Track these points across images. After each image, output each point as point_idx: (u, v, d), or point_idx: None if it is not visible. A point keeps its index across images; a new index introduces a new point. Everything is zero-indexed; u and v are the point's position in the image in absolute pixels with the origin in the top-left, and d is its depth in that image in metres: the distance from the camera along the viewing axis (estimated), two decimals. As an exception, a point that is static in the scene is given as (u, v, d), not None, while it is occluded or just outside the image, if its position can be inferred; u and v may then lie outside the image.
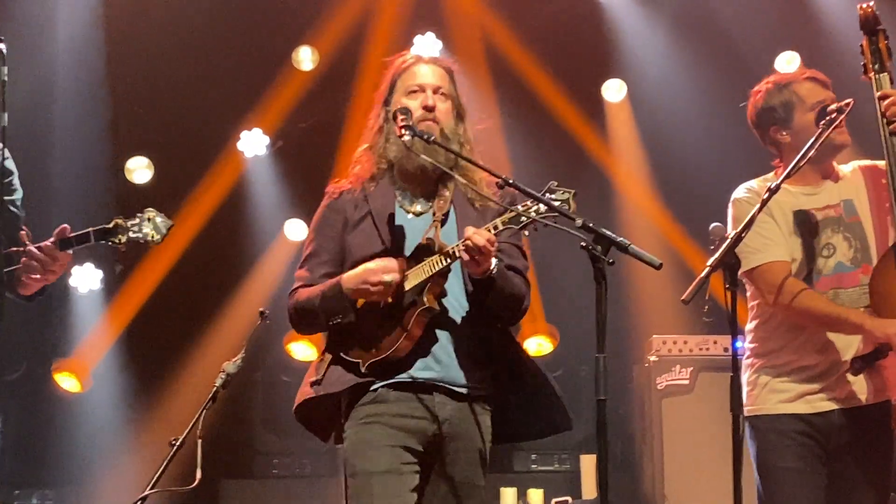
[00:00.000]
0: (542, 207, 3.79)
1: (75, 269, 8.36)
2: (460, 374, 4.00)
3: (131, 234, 3.72)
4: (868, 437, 4.27)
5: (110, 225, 3.72)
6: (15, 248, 3.75)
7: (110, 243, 3.69)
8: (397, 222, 4.10)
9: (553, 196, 3.80)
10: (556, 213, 3.75)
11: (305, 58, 8.26)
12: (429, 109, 4.10)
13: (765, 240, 4.31)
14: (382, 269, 3.93)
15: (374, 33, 8.09)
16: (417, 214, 4.13)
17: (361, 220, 4.12)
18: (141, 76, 8.10)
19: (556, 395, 4.11)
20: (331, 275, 4.11)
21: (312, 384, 4.07)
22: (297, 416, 4.15)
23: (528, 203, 3.84)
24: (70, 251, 3.74)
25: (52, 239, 3.76)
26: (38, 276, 3.74)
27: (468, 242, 3.81)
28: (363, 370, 3.98)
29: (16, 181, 4.00)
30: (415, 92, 4.15)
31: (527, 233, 3.91)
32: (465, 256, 3.84)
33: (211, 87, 8.19)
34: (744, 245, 3.98)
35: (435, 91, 4.15)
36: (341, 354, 4.05)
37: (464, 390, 4.01)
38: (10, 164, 3.94)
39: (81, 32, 7.82)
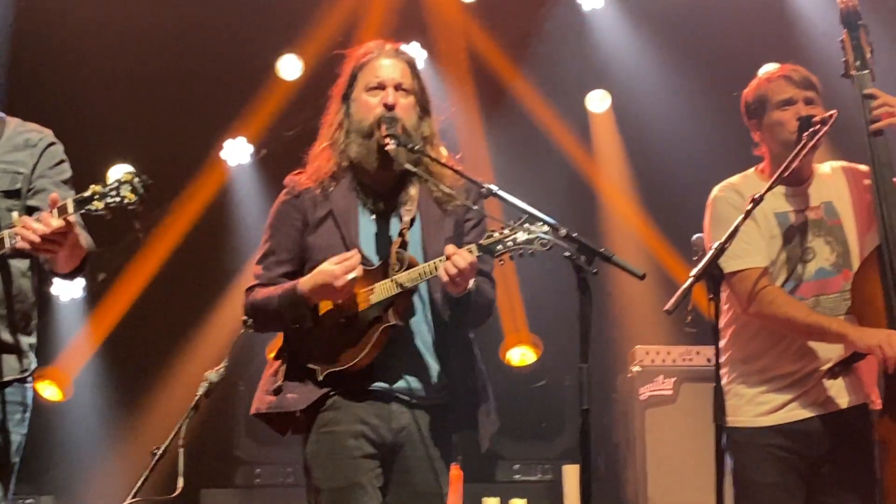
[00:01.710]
0: (521, 235, 3.76)
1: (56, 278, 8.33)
2: (418, 384, 3.98)
3: (108, 200, 3.64)
4: (848, 442, 4.26)
5: (87, 193, 3.65)
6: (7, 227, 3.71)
7: (90, 212, 3.63)
8: (360, 223, 4.03)
9: (528, 227, 3.76)
10: (539, 242, 3.74)
11: (289, 65, 8.26)
12: (389, 108, 4.02)
13: (745, 245, 4.25)
14: (343, 269, 3.83)
15: (358, 42, 8.06)
16: (380, 215, 4.06)
17: (322, 221, 4.04)
18: (124, 83, 8.08)
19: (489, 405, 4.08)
20: (289, 275, 4.05)
21: (273, 392, 4.03)
22: (255, 416, 4.11)
23: (507, 230, 3.78)
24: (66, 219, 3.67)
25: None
26: (29, 245, 3.65)
27: (450, 267, 3.75)
28: (320, 378, 3.96)
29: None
30: (375, 88, 4.07)
31: (502, 262, 3.85)
32: (445, 278, 3.80)
33: (194, 95, 8.17)
34: None
35: (396, 87, 4.07)
36: (299, 360, 4.01)
37: (421, 400, 3.99)
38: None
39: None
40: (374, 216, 4.06)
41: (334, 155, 4.10)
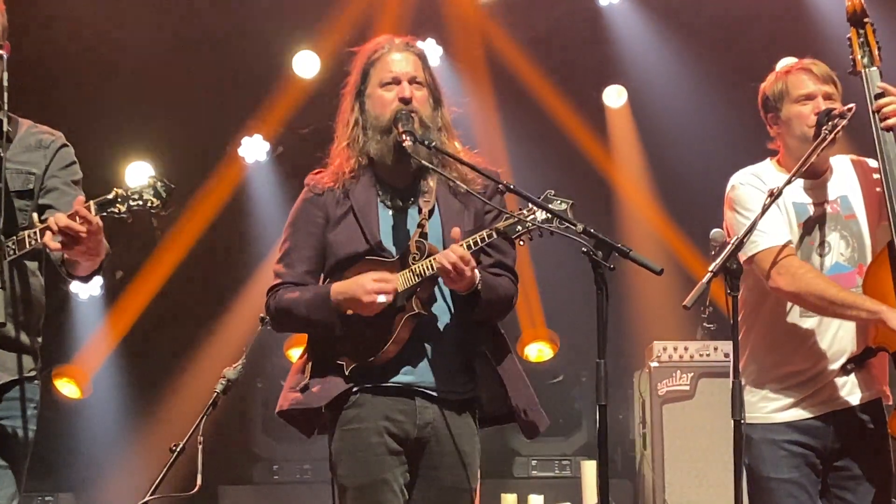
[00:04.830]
0: (540, 215, 3.77)
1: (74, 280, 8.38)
2: (443, 378, 3.97)
3: (131, 203, 3.68)
4: (863, 437, 4.24)
5: (111, 195, 3.68)
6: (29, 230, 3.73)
7: (112, 214, 3.67)
8: (380, 218, 4.05)
9: (550, 206, 3.78)
10: (558, 220, 3.74)
11: (306, 62, 8.26)
12: (406, 101, 4.04)
13: (772, 224, 4.21)
14: (376, 289, 3.87)
15: (374, 39, 8.08)
16: (399, 209, 4.08)
17: (343, 217, 4.06)
18: (142, 81, 8.10)
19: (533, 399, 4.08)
20: (312, 273, 4.07)
21: (300, 389, 4.03)
22: (280, 415, 4.11)
23: (525, 210, 3.81)
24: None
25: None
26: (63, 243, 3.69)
27: (442, 260, 3.77)
28: (347, 373, 3.96)
29: None
30: (389, 84, 4.08)
31: (522, 242, 3.88)
32: (441, 272, 3.81)
33: (212, 93, 8.20)
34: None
35: (411, 81, 4.08)
36: (325, 356, 4.01)
37: (446, 395, 3.99)
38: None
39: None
40: (393, 211, 4.08)
41: (353, 153, 4.12)
